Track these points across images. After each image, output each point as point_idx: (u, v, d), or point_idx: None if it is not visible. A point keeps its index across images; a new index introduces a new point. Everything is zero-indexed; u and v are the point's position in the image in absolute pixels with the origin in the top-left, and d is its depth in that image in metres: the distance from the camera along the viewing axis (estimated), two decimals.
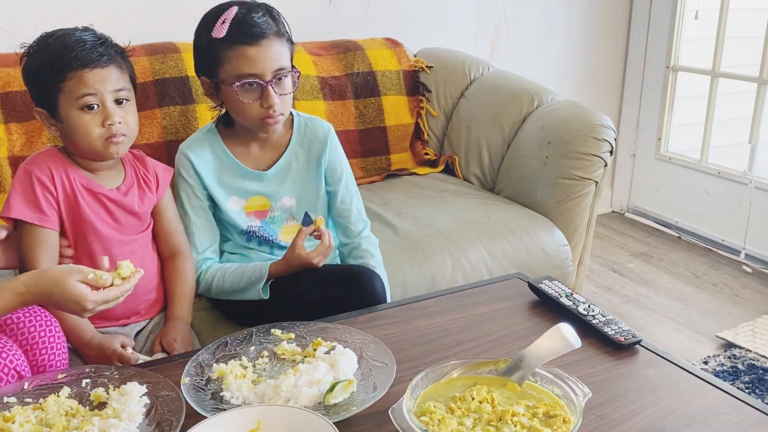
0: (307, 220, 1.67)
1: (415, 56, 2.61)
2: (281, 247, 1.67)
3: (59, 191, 1.42)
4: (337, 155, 1.70)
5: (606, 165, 2.14)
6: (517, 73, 2.56)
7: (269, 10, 1.54)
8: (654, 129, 3.40)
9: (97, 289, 1.15)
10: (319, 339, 1.26)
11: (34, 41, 1.42)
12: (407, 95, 2.51)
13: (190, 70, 2.19)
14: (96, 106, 1.38)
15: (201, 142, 1.63)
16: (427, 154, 2.54)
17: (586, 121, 2.15)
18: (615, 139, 2.15)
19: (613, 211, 3.62)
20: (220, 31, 1.48)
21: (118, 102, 1.41)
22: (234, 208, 1.64)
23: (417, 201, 2.23)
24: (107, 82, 1.38)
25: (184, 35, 2.36)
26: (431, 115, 2.55)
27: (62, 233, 1.45)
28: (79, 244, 1.46)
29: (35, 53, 1.40)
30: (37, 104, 1.43)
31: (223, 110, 1.64)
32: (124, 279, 1.18)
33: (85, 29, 1.43)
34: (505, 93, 2.41)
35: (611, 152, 2.14)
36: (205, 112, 2.19)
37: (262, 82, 1.50)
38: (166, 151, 2.15)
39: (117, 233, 1.48)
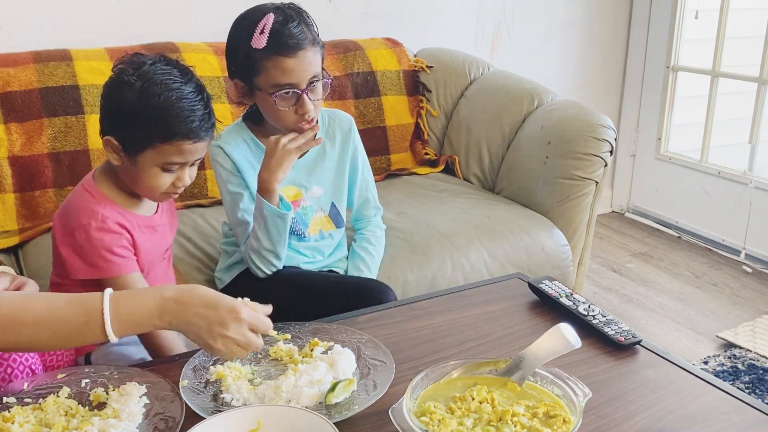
0: (333, 211, 1.73)
1: (415, 56, 2.61)
2: (302, 239, 1.71)
3: (127, 237, 1.40)
4: (358, 145, 1.77)
5: (606, 165, 2.14)
6: (517, 73, 2.56)
7: (302, 17, 1.56)
8: (654, 129, 3.40)
9: None
10: (316, 339, 1.26)
11: (136, 69, 1.32)
12: (407, 95, 2.51)
13: None
14: (176, 168, 1.37)
15: (232, 135, 1.66)
16: (427, 154, 2.54)
17: (586, 121, 2.15)
18: (615, 139, 2.15)
19: (613, 211, 3.62)
20: (260, 41, 1.51)
21: (193, 164, 1.40)
22: None
23: (417, 201, 2.23)
24: (199, 152, 1.37)
25: (184, 35, 2.37)
26: (431, 115, 2.55)
27: None
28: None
29: (142, 96, 1.31)
30: (110, 132, 1.36)
31: (249, 106, 1.66)
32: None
33: (189, 79, 1.35)
34: (505, 93, 2.41)
35: (611, 152, 2.14)
36: None
37: (298, 91, 1.54)
38: None
39: (163, 253, 1.52)
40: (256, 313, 1.08)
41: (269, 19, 1.51)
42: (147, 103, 1.30)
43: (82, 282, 1.40)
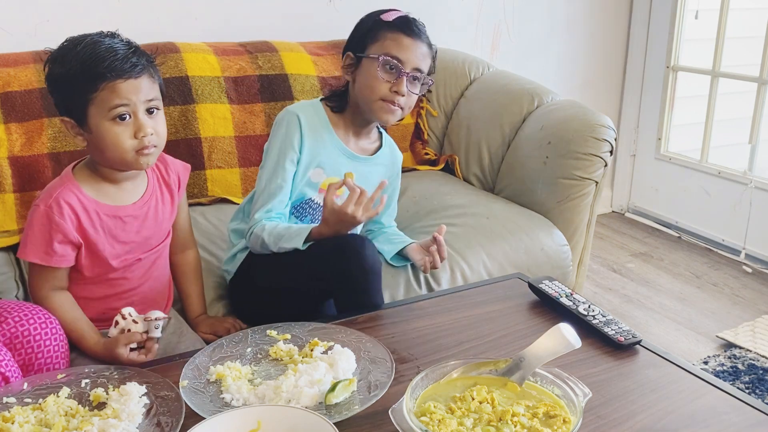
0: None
1: None
2: None
3: (77, 228, 1.40)
4: (398, 184, 1.85)
5: (606, 165, 2.14)
6: (517, 73, 2.56)
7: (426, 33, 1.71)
8: (654, 129, 3.40)
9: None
10: (316, 339, 1.26)
11: (60, 47, 1.38)
12: None
13: (190, 70, 2.20)
14: (128, 117, 1.36)
15: (309, 109, 1.70)
16: (427, 153, 2.54)
17: (586, 121, 2.15)
18: (615, 139, 2.15)
19: (613, 211, 3.62)
20: (390, 16, 1.66)
21: (149, 112, 1.39)
22: (314, 179, 1.68)
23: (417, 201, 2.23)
24: (140, 92, 1.36)
25: (184, 35, 2.37)
26: (431, 115, 2.55)
27: (81, 262, 1.44)
28: (105, 264, 1.46)
29: (62, 60, 1.36)
30: (63, 113, 1.39)
31: (331, 94, 1.73)
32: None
33: (113, 35, 1.39)
34: (505, 93, 2.41)
35: (611, 152, 2.14)
36: (205, 112, 2.19)
37: (402, 69, 1.61)
38: (166, 151, 2.13)
39: (144, 244, 1.50)
40: None
41: (403, 12, 1.69)
42: (70, 62, 1.34)
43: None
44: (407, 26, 1.66)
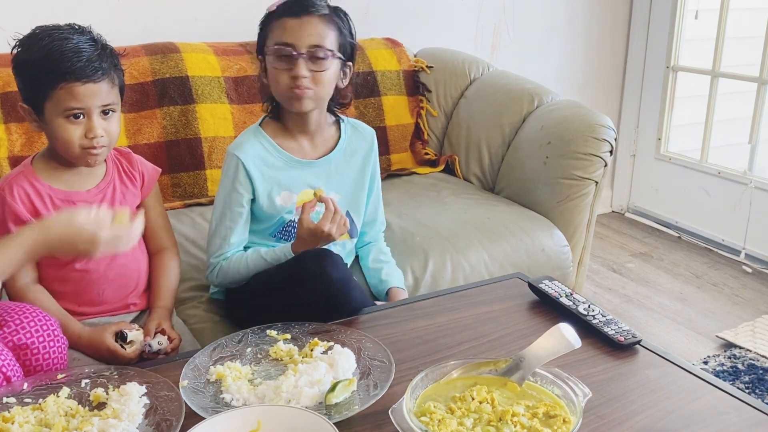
0: (349, 222, 1.70)
1: (415, 56, 2.61)
2: None
3: (30, 209, 1.43)
4: (376, 163, 1.76)
5: (606, 165, 2.14)
6: (517, 73, 2.56)
7: (329, 3, 1.61)
8: (654, 129, 3.40)
9: None
10: (316, 339, 1.26)
11: (28, 34, 1.40)
12: (407, 95, 2.51)
13: (190, 69, 2.20)
14: (81, 117, 1.38)
15: (249, 141, 1.64)
16: (427, 154, 2.54)
17: (586, 121, 2.15)
18: (615, 139, 2.15)
19: (613, 211, 3.62)
20: (274, 5, 1.57)
21: (105, 113, 1.41)
22: (284, 203, 1.64)
23: (417, 201, 2.23)
24: (96, 97, 1.38)
25: (184, 35, 2.37)
26: (431, 115, 2.55)
27: None
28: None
29: (28, 48, 1.38)
30: (23, 100, 1.43)
31: (272, 105, 1.66)
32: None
33: (82, 31, 1.42)
34: (505, 93, 2.41)
35: (611, 152, 2.14)
36: (206, 112, 2.19)
37: (294, 52, 1.53)
38: (167, 150, 2.15)
39: None
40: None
41: None
42: (36, 52, 1.36)
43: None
44: (291, 7, 1.55)
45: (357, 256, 1.84)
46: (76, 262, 1.48)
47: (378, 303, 1.64)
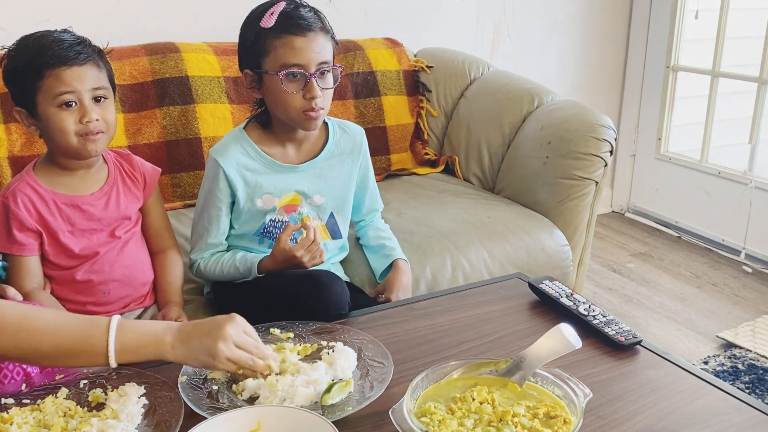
0: (331, 221, 1.70)
1: (415, 56, 2.61)
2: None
3: (35, 216, 1.45)
4: (368, 159, 1.74)
5: (606, 165, 2.14)
6: (517, 73, 2.56)
7: (315, 10, 1.57)
8: (654, 129, 3.40)
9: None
10: (306, 345, 1.25)
11: (13, 44, 1.44)
12: (407, 95, 2.51)
13: (190, 70, 2.20)
14: (74, 104, 1.39)
15: (231, 145, 1.61)
16: (427, 154, 2.53)
17: (586, 121, 2.15)
18: (615, 139, 2.15)
19: (613, 211, 3.61)
20: (269, 21, 1.50)
21: (97, 100, 1.42)
22: (266, 206, 1.62)
23: (417, 201, 2.22)
24: (85, 80, 1.40)
25: (184, 35, 2.37)
26: (431, 115, 2.54)
27: (46, 249, 1.48)
28: (68, 250, 1.49)
29: (15, 55, 1.42)
30: (17, 104, 1.44)
31: (260, 110, 1.63)
32: None
33: (64, 31, 1.45)
34: (505, 93, 2.41)
35: (611, 152, 2.14)
36: (206, 112, 2.19)
37: (307, 74, 1.50)
38: (167, 150, 2.15)
39: (106, 236, 1.52)
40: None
41: (281, 4, 1.52)
42: (20, 56, 1.40)
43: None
44: (291, 25, 1.49)
45: (357, 238, 1.86)
46: (81, 267, 1.49)
47: (380, 298, 1.67)
